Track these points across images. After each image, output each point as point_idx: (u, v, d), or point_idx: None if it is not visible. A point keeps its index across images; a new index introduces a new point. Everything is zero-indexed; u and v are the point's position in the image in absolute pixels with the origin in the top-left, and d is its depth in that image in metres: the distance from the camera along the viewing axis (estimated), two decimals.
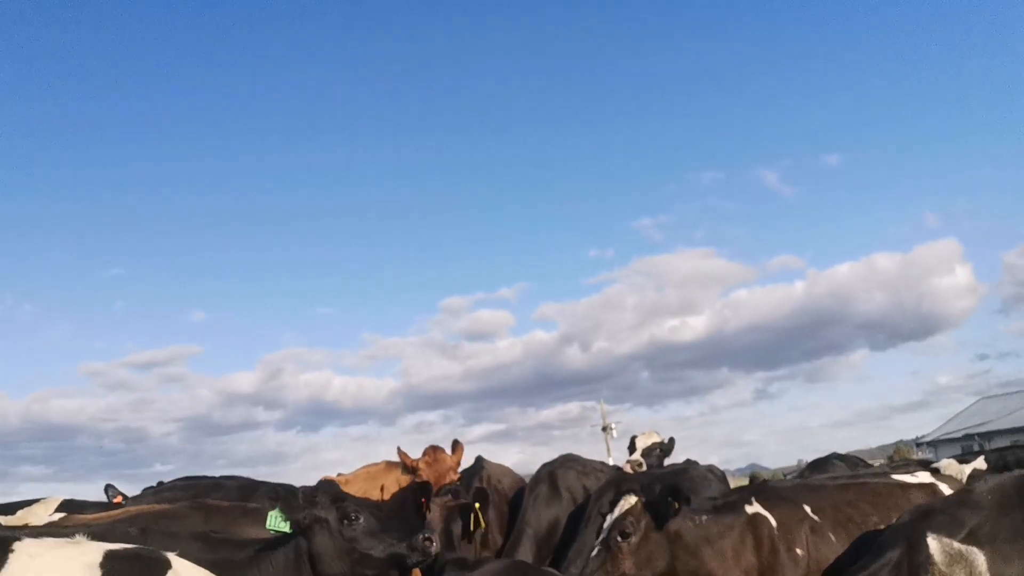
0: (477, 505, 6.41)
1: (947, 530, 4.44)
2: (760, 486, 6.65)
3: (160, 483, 8.67)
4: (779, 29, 76.18)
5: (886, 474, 6.50)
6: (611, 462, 13.31)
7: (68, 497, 7.89)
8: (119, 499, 8.14)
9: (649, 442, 10.72)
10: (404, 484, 8.39)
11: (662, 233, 76.45)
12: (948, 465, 12.41)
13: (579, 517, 7.75)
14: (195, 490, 6.87)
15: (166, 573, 3.81)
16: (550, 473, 8.85)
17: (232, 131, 68.00)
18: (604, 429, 42.28)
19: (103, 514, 5.41)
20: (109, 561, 3.72)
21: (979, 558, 4.36)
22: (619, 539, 5.34)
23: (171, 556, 3.95)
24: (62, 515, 6.60)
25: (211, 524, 5.09)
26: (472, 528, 6.32)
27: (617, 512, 5.47)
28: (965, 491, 4.88)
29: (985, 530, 4.42)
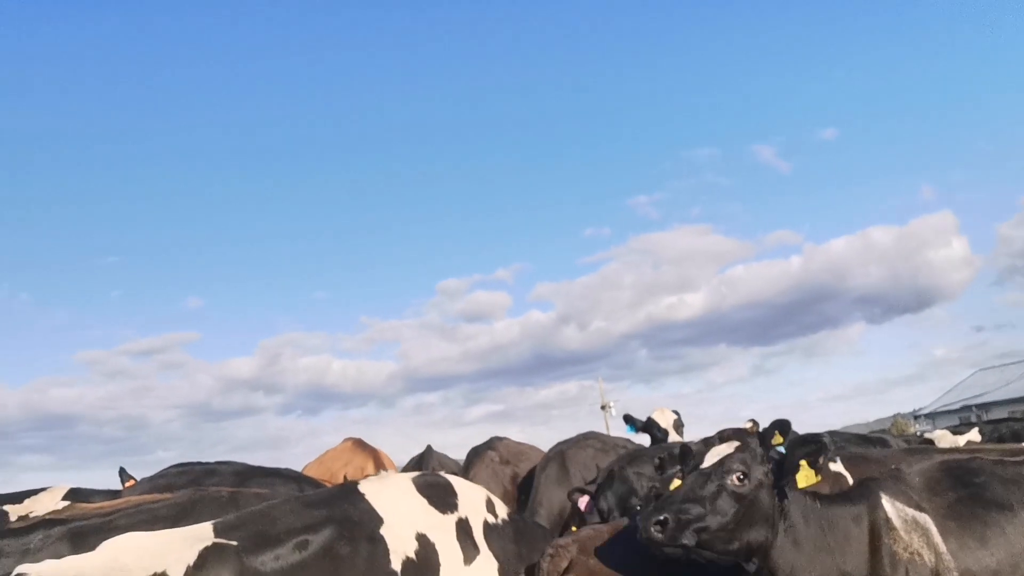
0: None
1: (900, 497, 4.55)
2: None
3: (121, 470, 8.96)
4: (772, 2, 75.68)
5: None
6: None
7: (74, 485, 8.12)
8: (131, 483, 8.37)
9: (672, 418, 10.55)
10: (365, 472, 8.52)
11: (658, 211, 76.30)
12: (942, 436, 12.46)
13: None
14: (190, 476, 7.03)
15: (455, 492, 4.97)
16: (561, 452, 8.83)
17: (227, 116, 67.75)
18: (603, 408, 42.60)
19: (111, 502, 5.64)
20: (424, 487, 4.88)
21: (932, 527, 4.54)
22: (736, 479, 4.18)
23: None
24: (67, 504, 6.83)
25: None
26: None
27: (726, 448, 4.33)
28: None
29: (926, 504, 4.61)
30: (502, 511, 5.21)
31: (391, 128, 72.27)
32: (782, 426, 4.57)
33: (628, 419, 10.97)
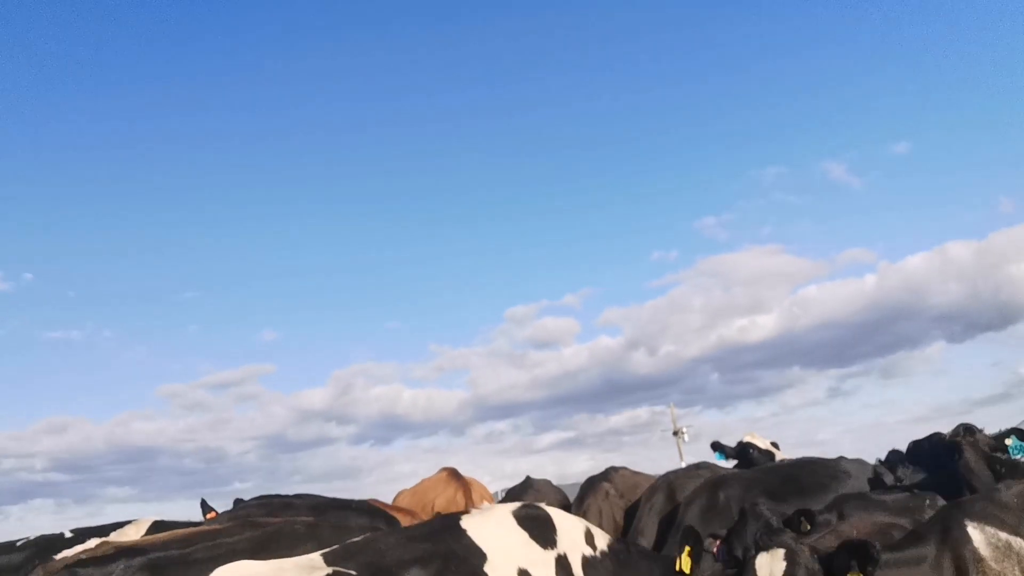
0: None
1: (988, 521, 4.34)
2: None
3: (238, 500, 9.23)
4: (840, 14, 74.32)
5: None
6: (683, 466, 13.20)
7: (157, 518, 8.40)
8: (212, 515, 8.63)
9: (766, 441, 10.47)
10: (457, 504, 8.57)
11: (726, 232, 74.97)
12: None
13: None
14: (267, 509, 7.11)
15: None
16: (668, 482, 8.56)
17: (296, 153, 69.70)
18: (675, 433, 41.88)
19: (185, 530, 5.80)
20: (525, 521, 4.93)
21: None
22: None
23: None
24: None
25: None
26: None
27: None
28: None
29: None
30: (601, 542, 5.19)
31: (458, 159, 73.27)
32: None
33: (717, 446, 10.65)
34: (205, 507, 8.99)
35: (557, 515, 5.15)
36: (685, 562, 5.31)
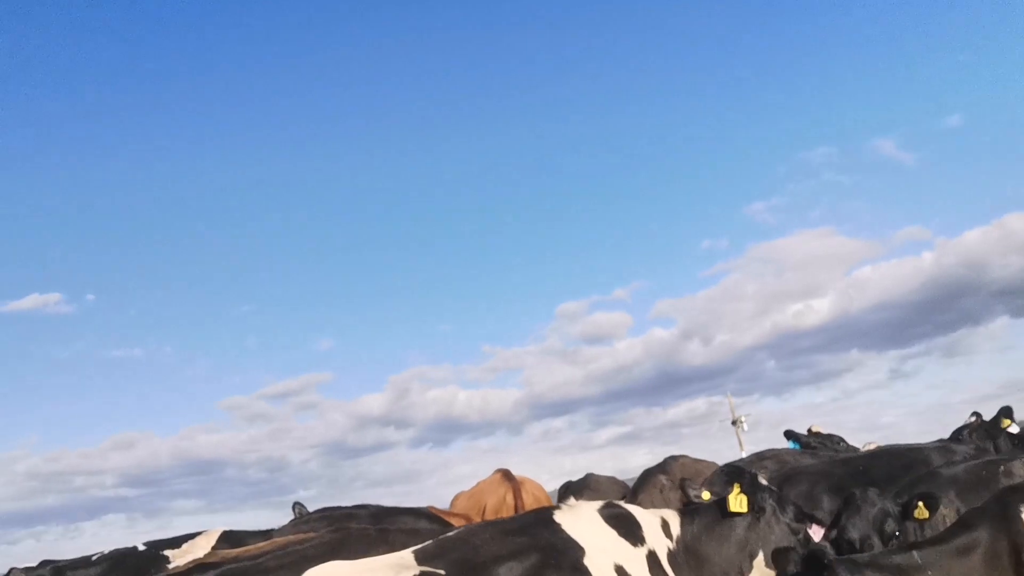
0: None
1: None
2: None
3: (296, 504, 9.42)
4: None
5: None
6: (744, 457, 13.05)
7: (227, 528, 8.62)
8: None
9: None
10: (508, 505, 8.60)
11: (776, 216, 73.67)
12: None
13: None
14: (331, 519, 7.21)
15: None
16: (725, 473, 8.16)
17: (343, 163, 70.55)
18: (734, 423, 41.43)
19: (258, 545, 5.94)
20: (611, 519, 4.90)
21: None
22: None
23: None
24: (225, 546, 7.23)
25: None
26: None
27: None
28: None
29: None
30: (675, 527, 5.18)
31: (502, 158, 73.37)
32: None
33: (790, 434, 10.50)
34: (297, 507, 9.16)
35: (638, 512, 5.15)
36: (738, 501, 5.19)
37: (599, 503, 5.19)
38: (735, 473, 5.30)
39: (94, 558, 8.34)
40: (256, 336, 67.00)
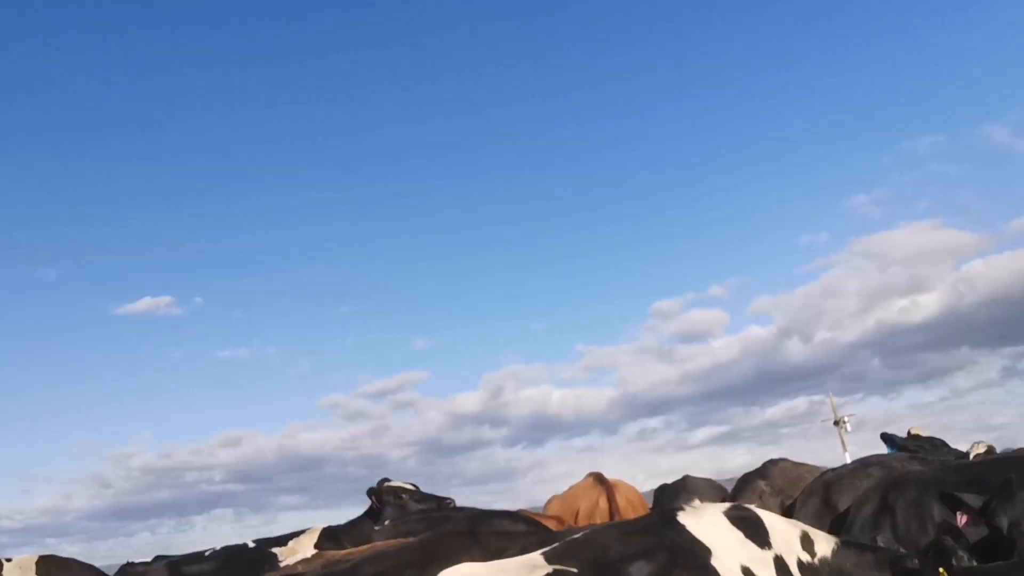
0: None
1: None
2: None
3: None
4: None
5: None
6: (847, 459, 12.61)
7: (326, 525, 8.92)
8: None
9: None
10: (601, 509, 8.55)
11: (880, 209, 71.20)
12: None
13: None
14: (427, 523, 7.31)
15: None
16: (826, 484, 7.87)
17: (437, 172, 71.80)
18: (836, 423, 40.00)
19: (358, 549, 6.14)
20: (738, 521, 4.83)
21: None
22: None
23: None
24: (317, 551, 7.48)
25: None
26: None
27: None
28: None
29: None
30: (824, 547, 4.98)
31: (595, 155, 73.14)
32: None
33: (887, 438, 10.13)
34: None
35: (768, 517, 5.07)
36: None
37: (725, 504, 5.18)
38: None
39: (207, 554, 8.70)
40: (355, 336, 68.97)
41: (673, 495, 10.82)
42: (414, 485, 9.23)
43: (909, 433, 10.20)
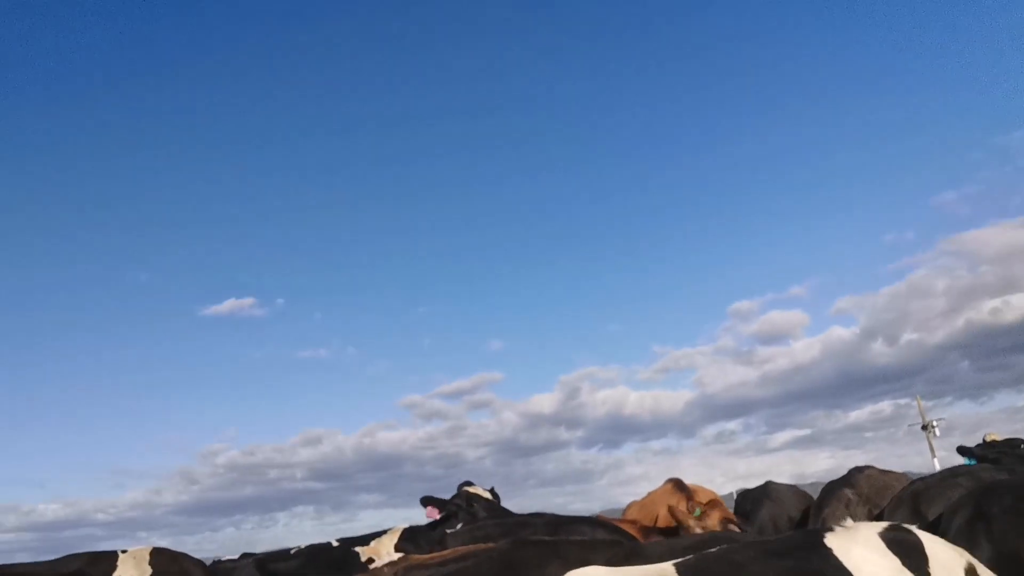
0: None
1: None
2: None
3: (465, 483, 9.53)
4: None
5: None
6: (936, 465, 12.15)
7: (406, 525, 9.04)
8: (431, 509, 9.20)
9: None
10: (677, 516, 8.41)
11: (969, 206, 68.24)
12: None
13: None
14: (504, 527, 7.29)
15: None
16: (914, 494, 7.59)
17: (511, 171, 72.15)
18: (924, 428, 38.62)
19: (441, 553, 6.17)
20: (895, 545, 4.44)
21: None
22: None
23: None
24: (400, 552, 7.58)
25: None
26: None
27: None
28: None
29: None
30: None
31: (672, 156, 72.35)
32: None
33: (964, 451, 9.65)
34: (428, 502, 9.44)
35: (930, 542, 4.60)
36: None
37: (881, 524, 4.73)
38: None
39: (292, 552, 8.92)
40: (432, 337, 69.76)
41: (755, 502, 10.62)
42: (494, 494, 9.26)
43: (984, 440, 9.74)
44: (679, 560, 4.34)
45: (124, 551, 7.30)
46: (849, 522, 4.75)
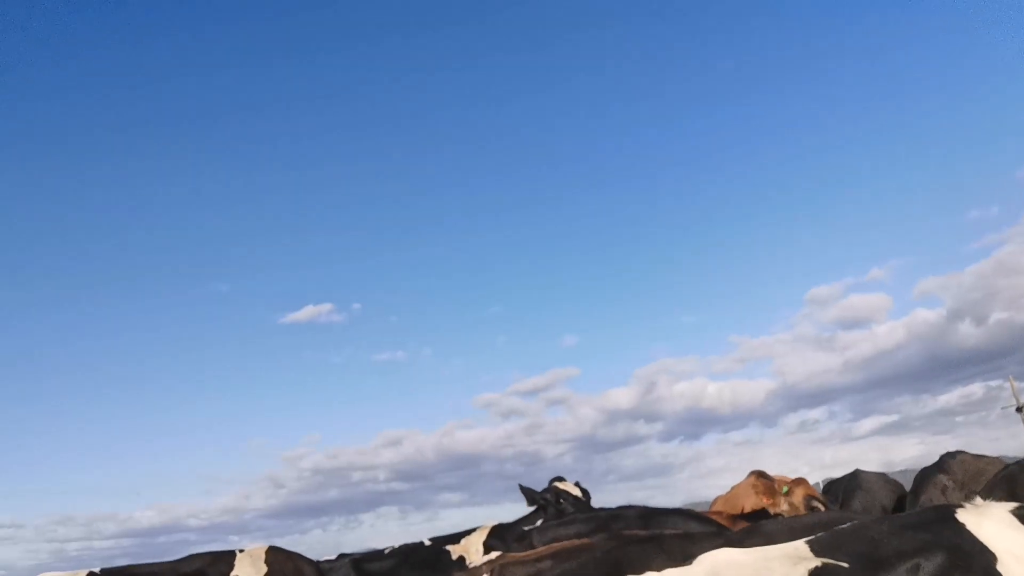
0: None
1: None
2: None
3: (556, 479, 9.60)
4: None
5: None
6: None
7: (495, 522, 9.15)
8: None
9: None
10: (763, 495, 8.32)
11: None
12: None
13: None
14: (596, 521, 7.31)
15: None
16: (1010, 477, 7.41)
17: (572, 166, 72.13)
18: (1018, 410, 37.17)
19: (536, 551, 6.25)
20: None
21: None
22: None
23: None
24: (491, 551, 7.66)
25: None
26: None
27: None
28: None
29: None
30: None
31: (739, 138, 71.21)
32: None
33: None
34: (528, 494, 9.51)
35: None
36: None
37: (1011, 504, 4.62)
38: None
39: (386, 551, 9.13)
40: (505, 335, 70.18)
41: (847, 492, 10.46)
42: (584, 491, 9.31)
43: None
44: (810, 538, 4.25)
45: (241, 551, 7.61)
46: (979, 500, 4.62)
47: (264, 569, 7.42)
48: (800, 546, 4.15)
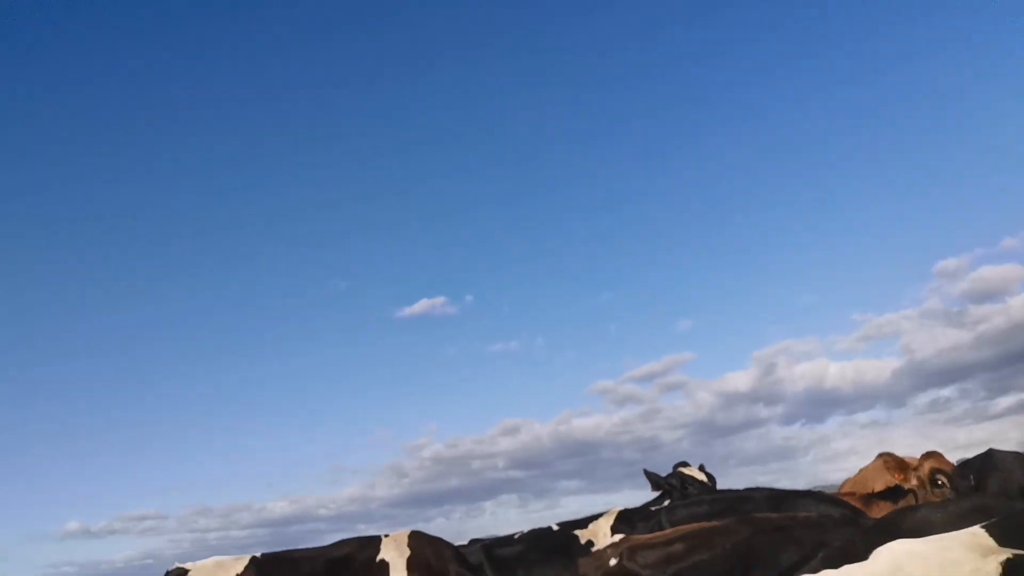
0: None
1: None
2: None
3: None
4: None
5: None
6: None
7: (622, 508, 9.23)
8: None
9: None
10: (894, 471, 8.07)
11: None
12: None
13: None
14: (724, 503, 7.29)
15: None
16: None
17: (679, 150, 70.78)
18: None
19: (665, 532, 6.33)
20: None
21: None
22: None
23: None
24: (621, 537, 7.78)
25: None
26: None
27: None
28: None
29: None
30: None
31: (859, 104, 68.44)
32: None
33: None
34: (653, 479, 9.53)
35: None
36: None
37: None
38: None
39: (515, 536, 9.34)
40: (618, 322, 69.72)
41: (980, 473, 10.08)
42: (710, 476, 9.31)
43: None
44: (985, 523, 4.02)
45: (386, 535, 8.07)
46: None
47: (408, 552, 7.81)
48: (979, 533, 3.90)
